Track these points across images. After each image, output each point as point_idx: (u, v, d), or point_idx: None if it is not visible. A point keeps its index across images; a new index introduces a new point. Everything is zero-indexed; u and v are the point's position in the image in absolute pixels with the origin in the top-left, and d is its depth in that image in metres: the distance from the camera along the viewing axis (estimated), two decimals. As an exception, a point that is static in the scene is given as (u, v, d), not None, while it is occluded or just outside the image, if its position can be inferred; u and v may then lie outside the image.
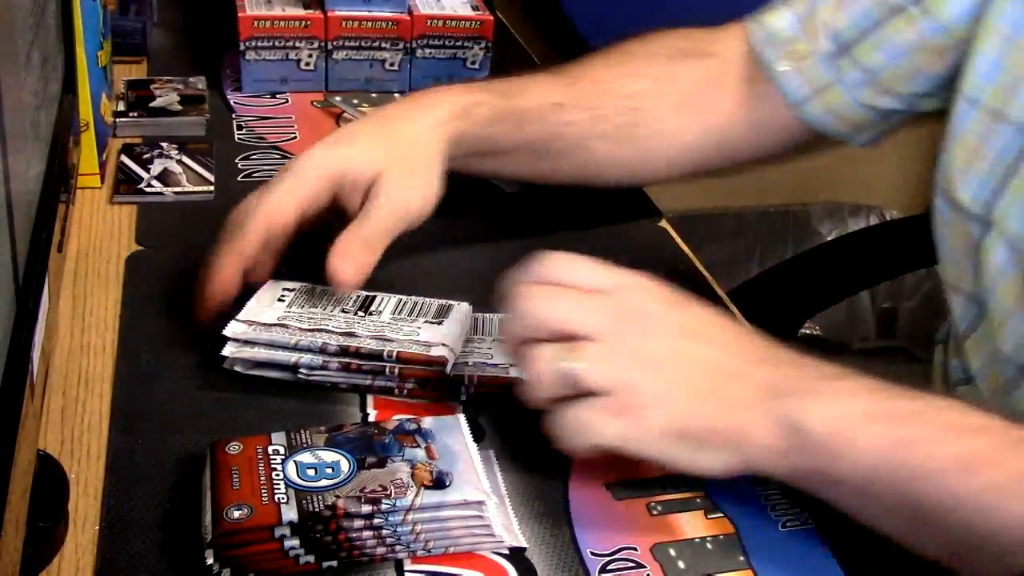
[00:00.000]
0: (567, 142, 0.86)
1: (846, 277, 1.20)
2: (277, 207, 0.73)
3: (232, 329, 0.70)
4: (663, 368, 0.60)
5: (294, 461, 0.59)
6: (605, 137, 0.87)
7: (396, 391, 0.70)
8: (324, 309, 0.73)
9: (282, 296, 0.74)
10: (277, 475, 0.58)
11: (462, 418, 0.65)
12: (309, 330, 0.70)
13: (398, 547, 0.58)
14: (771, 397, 0.59)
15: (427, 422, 0.63)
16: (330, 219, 0.76)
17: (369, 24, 1.09)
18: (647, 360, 0.60)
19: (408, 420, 0.63)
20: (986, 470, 0.55)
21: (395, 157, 0.76)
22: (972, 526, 0.55)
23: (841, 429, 0.58)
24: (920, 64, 0.82)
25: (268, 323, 0.71)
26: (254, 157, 0.98)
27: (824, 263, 1.24)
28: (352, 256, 0.72)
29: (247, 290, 0.74)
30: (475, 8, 1.13)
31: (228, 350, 0.70)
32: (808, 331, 1.86)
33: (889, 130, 0.89)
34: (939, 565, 0.63)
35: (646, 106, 0.88)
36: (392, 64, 1.11)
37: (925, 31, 0.81)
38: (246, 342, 0.70)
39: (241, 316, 0.71)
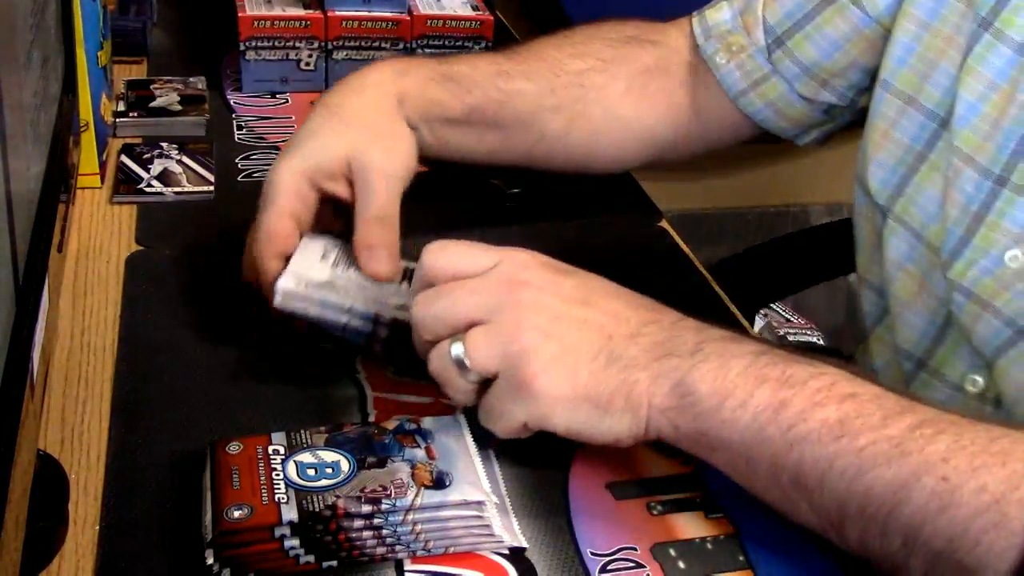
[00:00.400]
0: (517, 112, 0.85)
1: (827, 261, 1.21)
2: (274, 232, 0.72)
3: (285, 282, 0.69)
4: (551, 335, 0.60)
5: (294, 461, 0.59)
6: (557, 110, 0.86)
7: None
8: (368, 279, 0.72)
9: (325, 254, 0.73)
10: (277, 475, 0.58)
11: (462, 418, 0.65)
12: (360, 297, 0.70)
13: (398, 547, 0.58)
14: (663, 356, 0.59)
15: (427, 422, 0.63)
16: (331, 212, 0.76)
17: (369, 24, 1.09)
18: (533, 330, 0.60)
19: (408, 420, 0.63)
20: (861, 435, 0.55)
21: (356, 133, 0.76)
22: (847, 492, 0.55)
23: (726, 389, 0.58)
24: (854, 56, 0.82)
25: (320, 281, 0.70)
26: (254, 157, 0.98)
27: (808, 246, 1.26)
28: (376, 242, 0.72)
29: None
30: (475, 8, 1.13)
31: (280, 299, 0.69)
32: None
33: (834, 129, 0.89)
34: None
35: (595, 84, 0.87)
36: (392, 64, 1.11)
37: (857, 22, 0.81)
38: (298, 296, 0.70)
39: (292, 268, 0.70)
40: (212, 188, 0.92)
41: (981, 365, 0.74)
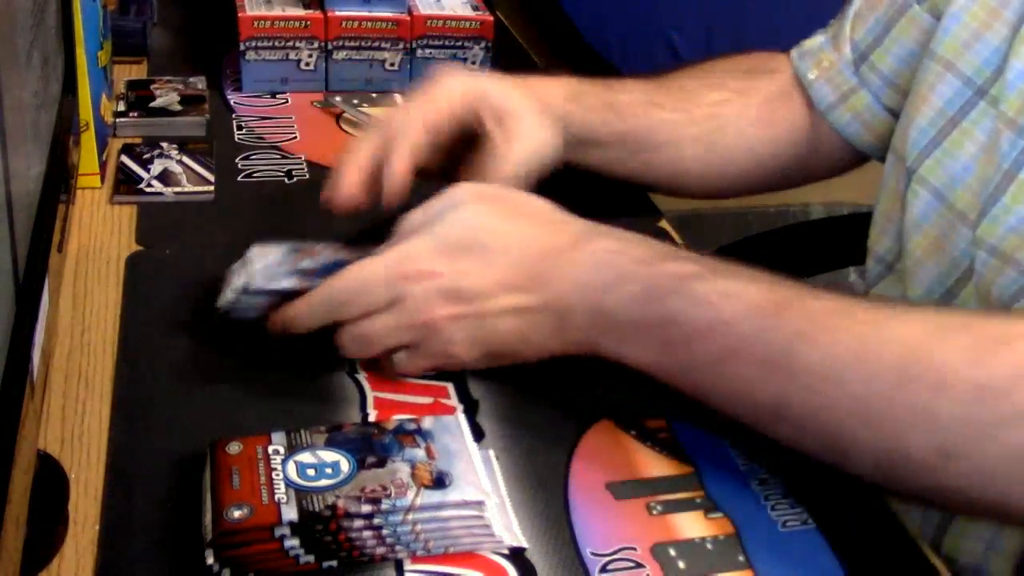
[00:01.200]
0: (662, 138, 0.89)
1: (825, 254, 1.21)
2: (429, 108, 0.77)
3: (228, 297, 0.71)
4: (476, 341, 0.67)
5: (294, 461, 0.59)
6: (696, 140, 0.90)
7: None
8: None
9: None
10: (277, 475, 0.58)
11: (462, 418, 0.65)
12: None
13: (398, 547, 0.58)
14: (561, 330, 0.66)
15: (427, 422, 0.63)
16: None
17: (369, 24, 1.09)
18: (459, 345, 0.67)
19: (408, 420, 0.63)
20: (786, 313, 0.60)
21: (531, 103, 0.80)
22: (749, 392, 0.61)
23: (624, 342, 0.64)
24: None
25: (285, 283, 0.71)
26: (254, 157, 0.98)
27: (806, 239, 1.26)
28: (488, 167, 0.77)
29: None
30: (475, 8, 1.13)
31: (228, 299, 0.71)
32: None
33: None
34: (940, 564, 0.63)
35: (728, 114, 0.91)
36: (392, 64, 1.11)
37: (925, 25, 0.82)
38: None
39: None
40: (212, 188, 0.92)
41: None
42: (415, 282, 0.66)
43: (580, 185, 0.93)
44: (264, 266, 0.72)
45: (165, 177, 0.92)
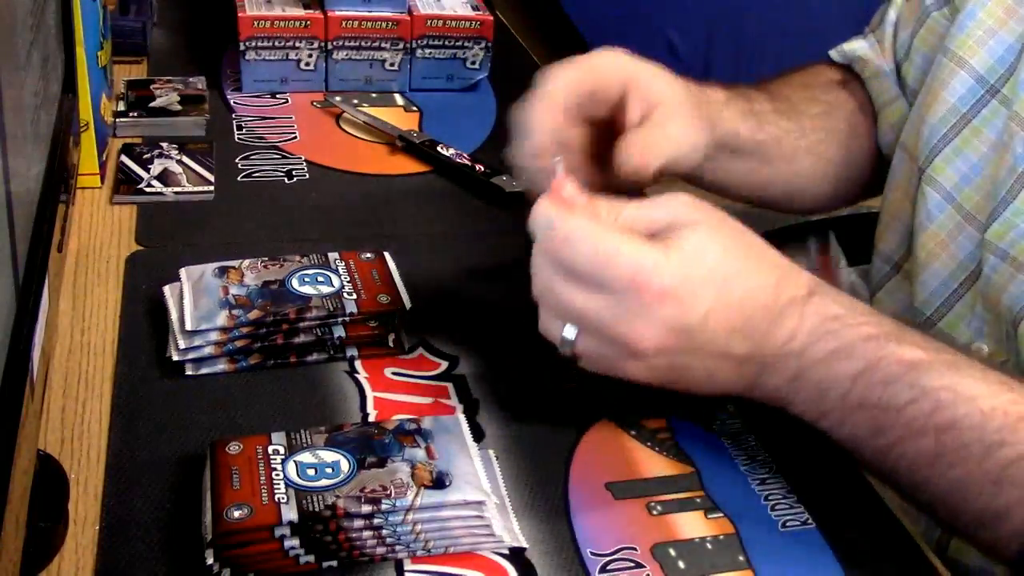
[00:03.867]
0: (785, 149, 0.86)
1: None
2: (583, 74, 0.72)
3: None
4: (654, 370, 0.61)
5: (294, 461, 0.59)
6: (808, 152, 0.88)
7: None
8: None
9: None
10: (277, 475, 0.58)
11: (462, 418, 0.65)
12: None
13: (398, 547, 0.58)
14: (760, 379, 0.61)
15: (427, 422, 0.63)
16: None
17: (369, 24, 1.09)
18: (636, 367, 0.61)
19: (408, 420, 0.63)
20: (957, 466, 0.57)
21: (685, 100, 0.75)
22: (938, 501, 0.59)
23: (820, 412, 0.61)
24: None
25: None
26: (254, 157, 0.98)
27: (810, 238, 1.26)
28: (629, 150, 0.70)
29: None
30: (475, 8, 1.13)
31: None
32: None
33: None
34: (940, 564, 0.63)
35: (829, 127, 0.90)
36: (392, 64, 1.11)
37: (942, 30, 0.82)
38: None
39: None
40: (212, 188, 0.92)
41: (989, 333, 0.74)
42: (644, 294, 0.58)
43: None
44: (193, 298, 0.72)
45: (165, 177, 0.92)
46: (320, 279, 0.74)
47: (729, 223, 0.63)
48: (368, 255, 0.78)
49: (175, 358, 0.70)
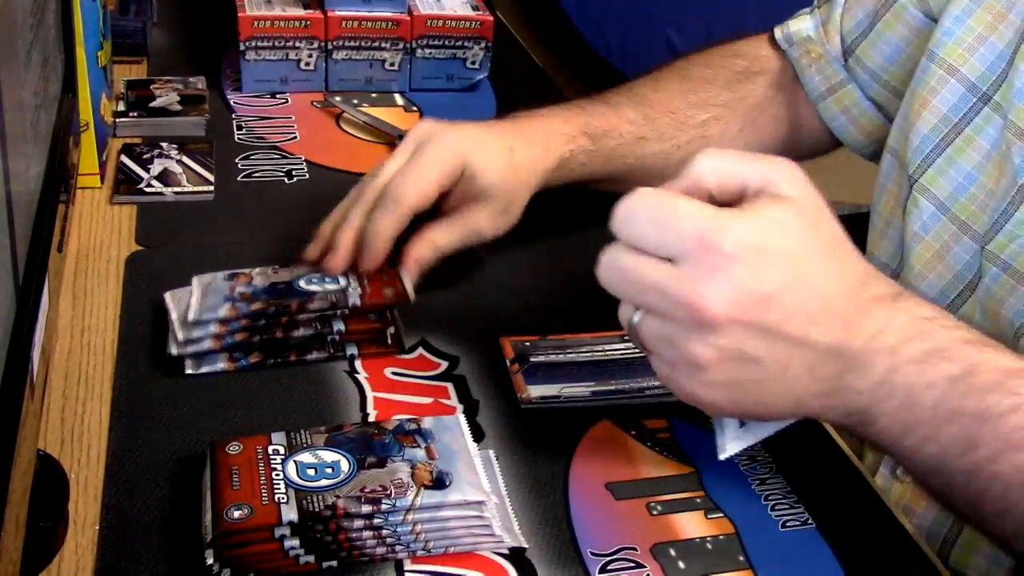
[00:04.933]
0: (647, 171, 0.88)
1: None
2: (422, 180, 0.76)
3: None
4: (721, 364, 0.56)
5: (294, 461, 0.59)
6: (683, 163, 0.86)
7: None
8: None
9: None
10: (277, 475, 0.58)
11: (462, 418, 0.65)
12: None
13: (398, 547, 0.58)
14: (841, 388, 0.56)
15: (427, 422, 0.63)
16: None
17: (369, 24, 1.09)
18: (703, 353, 0.55)
19: (408, 420, 0.63)
20: None
21: (508, 174, 0.79)
22: None
23: (909, 424, 0.55)
24: (917, 59, 0.82)
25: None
26: (254, 157, 0.98)
27: None
28: (418, 252, 0.77)
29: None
30: (475, 8, 1.13)
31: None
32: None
33: None
34: (940, 564, 0.63)
35: (715, 133, 0.90)
36: (392, 64, 1.11)
37: (916, 24, 0.82)
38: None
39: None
40: (212, 188, 0.92)
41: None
42: (712, 254, 0.54)
43: (580, 184, 0.93)
44: (200, 296, 0.72)
45: (165, 177, 0.92)
46: (328, 280, 0.74)
47: (824, 209, 0.57)
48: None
49: (174, 352, 0.70)
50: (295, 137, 1.02)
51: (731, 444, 0.62)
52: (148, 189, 0.91)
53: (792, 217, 0.55)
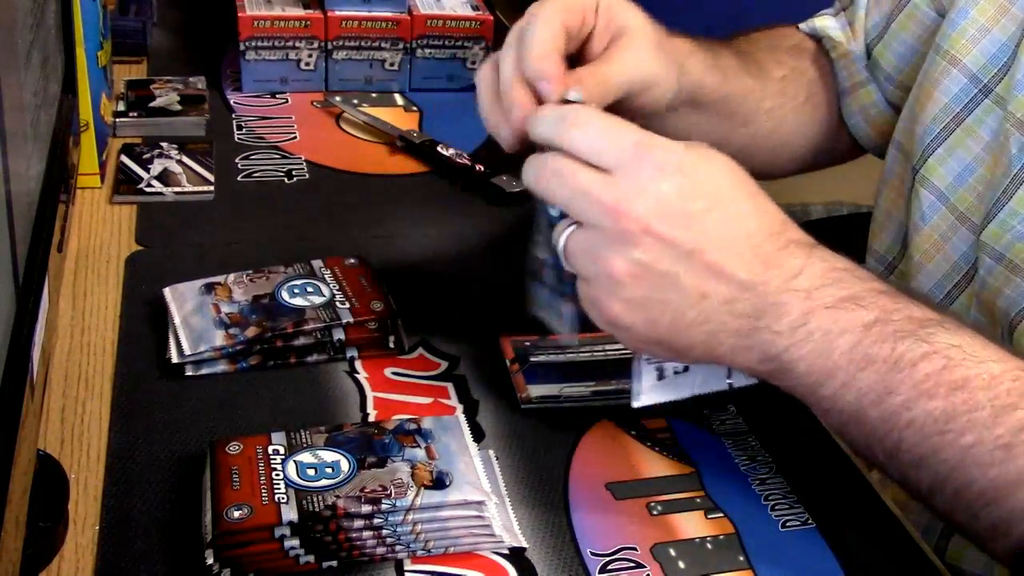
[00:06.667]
0: (749, 106, 0.84)
1: None
2: (566, 11, 0.67)
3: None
4: (641, 279, 0.57)
5: (294, 461, 0.59)
6: (769, 114, 0.86)
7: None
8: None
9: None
10: (277, 475, 0.58)
11: (462, 418, 0.65)
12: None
13: (398, 547, 0.58)
14: (757, 328, 0.57)
15: (427, 422, 0.63)
16: None
17: (369, 24, 1.09)
18: (624, 266, 0.57)
19: (408, 420, 0.63)
20: (968, 432, 0.53)
21: (652, 32, 0.70)
22: (944, 478, 0.54)
23: (827, 370, 0.56)
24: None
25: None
26: (254, 157, 0.98)
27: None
28: (584, 81, 0.65)
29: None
30: (475, 8, 1.13)
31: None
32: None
33: None
34: (940, 564, 0.63)
35: (790, 92, 0.88)
36: (392, 64, 1.11)
37: (928, 20, 0.82)
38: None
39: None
40: (212, 188, 0.92)
41: (986, 333, 0.74)
42: (646, 164, 0.56)
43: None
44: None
45: (165, 177, 0.92)
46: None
47: (737, 167, 0.59)
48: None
49: (175, 360, 0.70)
50: (295, 137, 1.02)
51: (646, 395, 0.63)
52: (148, 189, 0.91)
53: (723, 158, 0.58)
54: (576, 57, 0.69)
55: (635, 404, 0.63)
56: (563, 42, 0.66)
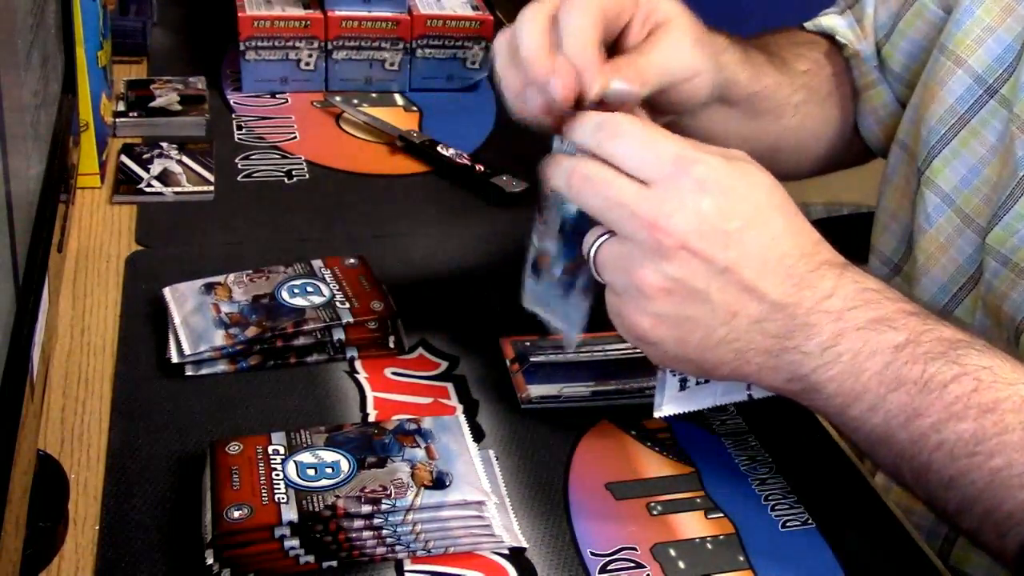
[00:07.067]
0: (778, 101, 0.82)
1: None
2: None
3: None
4: (673, 293, 0.56)
5: (294, 461, 0.59)
6: (796, 108, 0.84)
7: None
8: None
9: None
10: (277, 475, 0.58)
11: (462, 418, 0.65)
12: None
13: (398, 547, 0.58)
14: (787, 348, 0.56)
15: (427, 422, 0.63)
16: None
17: (369, 24, 1.09)
18: (656, 281, 0.56)
19: (408, 420, 0.63)
20: (997, 455, 0.53)
21: (692, 24, 0.68)
22: (973, 499, 0.54)
23: (856, 392, 0.56)
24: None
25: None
26: (254, 157, 0.98)
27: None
28: (623, 71, 0.62)
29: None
30: (475, 8, 1.13)
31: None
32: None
33: None
34: (940, 564, 0.63)
35: (813, 86, 0.86)
36: (392, 64, 1.11)
37: (934, 18, 0.81)
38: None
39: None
40: (212, 188, 0.92)
41: (989, 339, 0.74)
42: (684, 179, 0.56)
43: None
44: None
45: (165, 177, 0.92)
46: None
47: (774, 181, 0.59)
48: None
49: (175, 360, 0.70)
50: (295, 137, 1.02)
51: (668, 405, 0.63)
52: (148, 189, 0.91)
53: (762, 174, 0.58)
54: (611, 47, 0.66)
55: (657, 414, 0.63)
56: (601, 31, 0.63)
